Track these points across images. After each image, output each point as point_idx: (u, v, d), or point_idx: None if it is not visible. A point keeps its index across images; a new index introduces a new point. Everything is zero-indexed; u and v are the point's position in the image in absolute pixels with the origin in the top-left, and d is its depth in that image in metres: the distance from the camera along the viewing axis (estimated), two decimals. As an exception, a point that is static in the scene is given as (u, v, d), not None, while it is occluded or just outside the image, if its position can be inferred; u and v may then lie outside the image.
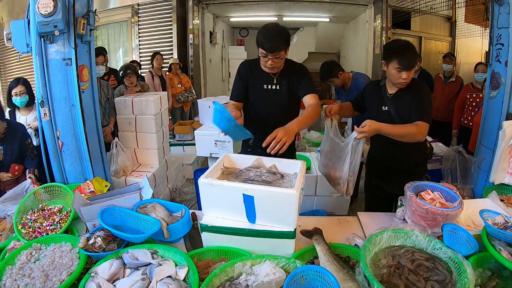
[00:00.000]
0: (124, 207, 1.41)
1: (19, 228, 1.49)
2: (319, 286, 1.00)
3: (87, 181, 1.90)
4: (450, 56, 3.90)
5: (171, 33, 5.56)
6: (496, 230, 1.14)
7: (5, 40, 2.01)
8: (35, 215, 1.56)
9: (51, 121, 2.02)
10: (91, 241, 1.24)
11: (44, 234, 1.45)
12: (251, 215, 1.22)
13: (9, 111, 2.62)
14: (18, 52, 2.02)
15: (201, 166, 3.87)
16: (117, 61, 6.04)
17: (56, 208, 1.61)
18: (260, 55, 1.60)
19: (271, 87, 1.74)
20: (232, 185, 1.21)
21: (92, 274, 1.10)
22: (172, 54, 5.55)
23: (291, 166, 1.45)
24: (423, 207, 1.29)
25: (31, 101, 2.55)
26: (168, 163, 3.25)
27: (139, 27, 5.70)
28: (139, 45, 5.76)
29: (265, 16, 7.00)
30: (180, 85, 4.80)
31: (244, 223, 1.24)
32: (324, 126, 1.75)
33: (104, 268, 1.13)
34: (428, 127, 1.59)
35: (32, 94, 2.52)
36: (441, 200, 1.37)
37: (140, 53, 5.76)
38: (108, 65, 3.76)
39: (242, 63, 1.84)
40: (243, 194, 1.17)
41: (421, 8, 5.20)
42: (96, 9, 2.07)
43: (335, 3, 5.85)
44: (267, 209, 1.18)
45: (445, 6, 5.04)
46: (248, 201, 1.18)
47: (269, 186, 1.21)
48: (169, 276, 1.10)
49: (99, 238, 1.24)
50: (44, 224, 1.50)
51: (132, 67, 3.39)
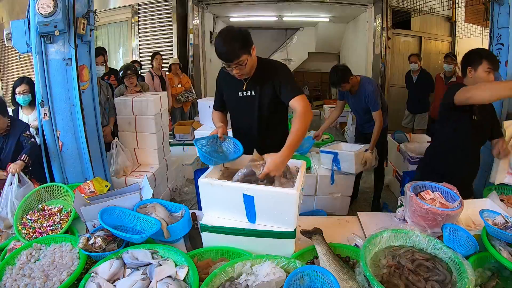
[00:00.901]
0: (124, 207, 1.41)
1: (19, 228, 1.49)
2: (319, 286, 1.00)
3: (87, 181, 1.89)
4: (451, 56, 3.90)
5: (171, 33, 5.56)
6: (496, 230, 1.14)
7: (5, 40, 2.02)
8: (36, 215, 1.56)
9: (51, 121, 2.02)
10: (91, 241, 1.24)
11: (45, 234, 1.45)
12: (251, 215, 1.22)
13: (12, 110, 2.62)
14: (18, 52, 2.03)
15: (201, 166, 3.87)
16: (117, 61, 6.04)
17: (57, 208, 1.61)
18: (223, 65, 1.46)
19: (245, 94, 1.60)
20: (232, 185, 1.21)
21: (92, 274, 1.10)
22: (172, 54, 5.55)
23: (291, 167, 1.45)
24: (423, 207, 1.29)
25: (34, 101, 2.54)
26: (168, 163, 3.25)
27: (139, 27, 5.70)
28: (139, 45, 5.76)
29: (265, 16, 7.01)
30: (180, 85, 4.79)
31: (244, 223, 1.24)
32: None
33: (104, 268, 1.13)
34: None
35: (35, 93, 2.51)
36: (441, 200, 1.37)
37: (140, 53, 5.76)
38: (108, 65, 3.76)
39: (220, 70, 1.70)
40: (243, 194, 1.18)
41: (421, 8, 5.20)
42: (96, 9, 2.08)
43: (335, 3, 5.85)
44: (267, 209, 1.18)
45: (445, 6, 5.03)
46: (248, 201, 1.18)
47: (269, 186, 1.21)
48: (169, 276, 1.10)
49: (99, 238, 1.25)
50: (44, 225, 1.50)
51: (132, 67, 3.39)
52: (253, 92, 1.59)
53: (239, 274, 1.11)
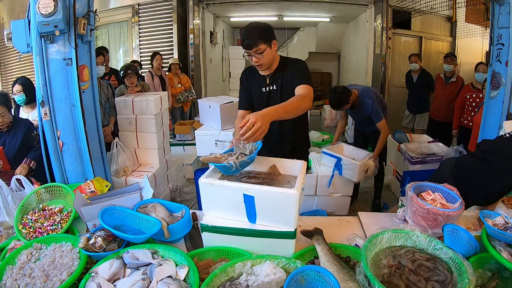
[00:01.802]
0: (124, 207, 1.42)
1: (20, 228, 1.49)
2: (320, 286, 1.00)
3: (88, 181, 1.89)
4: (451, 57, 3.90)
5: (172, 33, 5.56)
6: (496, 231, 1.14)
7: (5, 40, 2.02)
8: (36, 215, 1.56)
9: (52, 121, 2.02)
10: (91, 241, 1.24)
11: (45, 234, 1.45)
12: (251, 215, 1.22)
13: (13, 109, 2.67)
14: (18, 52, 2.03)
15: (202, 166, 3.87)
16: (118, 61, 6.04)
17: (57, 208, 1.61)
18: (245, 55, 1.62)
19: (268, 89, 1.73)
20: (233, 185, 1.21)
21: (92, 274, 1.10)
22: (172, 54, 5.55)
23: (291, 167, 1.45)
24: (424, 208, 1.29)
25: (31, 100, 2.60)
26: (168, 163, 3.25)
27: (140, 27, 5.70)
28: (140, 45, 5.76)
29: (266, 16, 7.00)
30: (179, 85, 4.80)
31: (245, 223, 1.24)
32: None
33: (105, 268, 1.13)
34: None
35: (32, 93, 2.54)
36: (442, 201, 1.36)
37: (140, 53, 5.76)
38: (108, 65, 3.77)
39: (242, 71, 1.86)
40: (244, 194, 1.17)
41: (421, 8, 5.20)
42: (96, 9, 2.08)
43: (336, 3, 5.85)
44: (268, 209, 1.18)
45: (446, 6, 5.04)
46: (249, 201, 1.18)
47: (270, 186, 1.21)
48: (170, 276, 1.10)
49: (99, 238, 1.24)
50: (44, 224, 1.50)
51: (132, 67, 3.39)
52: (274, 87, 1.71)
53: (240, 274, 1.11)
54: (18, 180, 1.83)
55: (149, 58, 4.66)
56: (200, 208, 1.66)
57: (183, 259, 1.17)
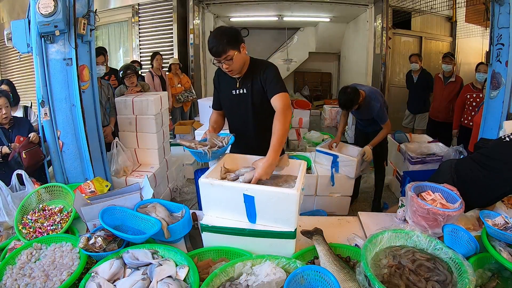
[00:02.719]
0: (124, 207, 1.42)
1: (20, 228, 1.49)
2: (320, 286, 1.00)
3: (88, 181, 1.90)
4: (449, 56, 3.89)
5: (172, 33, 5.55)
6: (496, 231, 1.14)
7: (5, 40, 2.02)
8: (36, 215, 1.56)
9: (52, 121, 2.02)
10: (91, 241, 1.24)
11: (45, 234, 1.45)
12: (251, 215, 1.22)
13: None
14: (18, 52, 2.03)
15: (202, 166, 3.87)
16: (118, 61, 6.04)
17: (57, 208, 1.61)
18: (215, 62, 1.55)
19: (238, 92, 1.67)
20: (233, 185, 1.21)
21: (92, 274, 1.11)
22: (172, 54, 5.55)
23: (291, 167, 1.45)
24: (424, 208, 1.29)
25: (15, 101, 2.80)
26: (168, 163, 3.25)
27: (140, 27, 5.70)
28: (140, 45, 5.76)
29: (266, 16, 7.00)
30: (180, 85, 4.79)
31: (245, 223, 1.24)
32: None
33: (105, 268, 1.13)
34: None
35: (14, 95, 2.77)
36: (441, 201, 1.36)
37: (140, 53, 5.76)
38: (108, 65, 3.76)
39: (216, 71, 1.79)
40: (244, 194, 1.18)
41: (421, 8, 5.20)
42: (96, 9, 2.08)
43: (336, 3, 5.85)
44: (268, 209, 1.18)
45: (446, 6, 5.03)
46: (249, 201, 1.18)
47: (270, 186, 1.21)
48: (170, 276, 1.10)
49: (99, 238, 1.25)
50: (44, 224, 1.50)
51: (132, 67, 3.39)
52: (245, 90, 1.66)
53: (240, 274, 1.11)
54: (19, 175, 1.83)
55: (149, 58, 4.66)
56: (200, 208, 1.66)
57: (183, 259, 1.17)
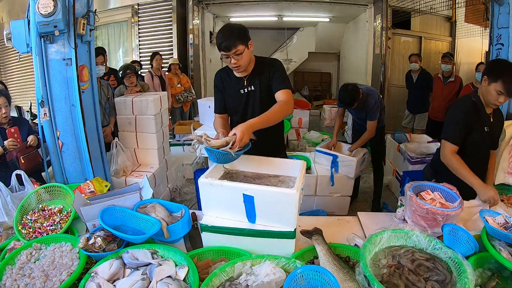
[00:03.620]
0: (124, 207, 1.41)
1: (19, 228, 1.49)
2: (319, 286, 1.00)
3: (87, 181, 1.89)
4: (448, 56, 3.89)
5: (171, 33, 5.56)
6: (496, 230, 1.14)
7: (5, 40, 2.02)
8: (36, 215, 1.56)
9: (51, 121, 2.02)
10: (91, 241, 1.24)
11: (45, 234, 1.45)
12: (251, 215, 1.22)
13: None
14: (18, 52, 2.03)
15: (201, 166, 3.87)
16: (117, 61, 6.04)
17: (57, 208, 1.61)
18: (223, 57, 1.56)
19: (247, 90, 1.67)
20: (232, 185, 1.21)
21: (92, 274, 1.10)
22: (172, 54, 5.55)
23: (291, 167, 1.45)
24: (423, 207, 1.29)
25: None
26: (168, 163, 3.25)
27: (139, 27, 5.70)
28: (139, 45, 5.76)
29: (265, 16, 7.01)
30: (179, 85, 4.80)
31: (244, 223, 1.24)
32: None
33: (104, 268, 1.13)
34: None
35: None
36: (441, 200, 1.37)
37: (140, 53, 5.76)
38: (108, 65, 3.76)
39: (215, 75, 1.78)
40: (243, 194, 1.18)
41: (421, 8, 5.20)
42: (96, 9, 2.08)
43: (335, 3, 5.85)
44: (267, 209, 1.18)
45: (445, 6, 5.03)
46: (248, 201, 1.18)
47: (269, 186, 1.21)
48: (169, 276, 1.10)
49: (99, 238, 1.24)
50: (44, 225, 1.50)
51: (131, 67, 3.39)
52: (253, 87, 1.67)
53: (239, 274, 1.11)
54: (18, 176, 1.83)
55: (149, 58, 4.66)
56: (199, 208, 1.66)
57: (182, 259, 1.17)
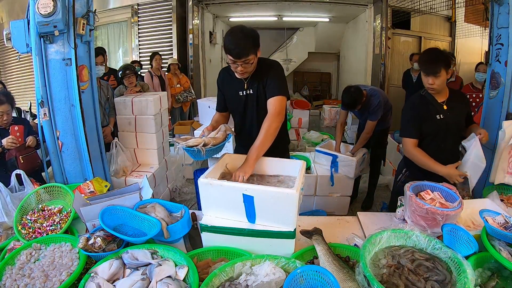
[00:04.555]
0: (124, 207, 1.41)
1: (19, 228, 1.49)
2: (319, 286, 1.00)
3: (87, 181, 1.89)
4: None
5: (171, 33, 5.56)
6: (496, 230, 1.14)
7: (5, 40, 2.01)
8: (35, 215, 1.56)
9: (51, 121, 2.02)
10: (91, 241, 1.24)
11: (44, 234, 1.45)
12: (251, 215, 1.22)
13: None
14: (18, 52, 2.02)
15: (201, 166, 3.87)
16: (117, 61, 6.04)
17: (56, 208, 1.61)
18: (229, 61, 1.48)
19: (246, 93, 1.64)
20: (232, 185, 1.21)
21: (92, 274, 1.10)
22: (172, 54, 5.55)
23: (291, 167, 1.45)
24: (423, 207, 1.29)
25: None
26: (168, 163, 3.25)
27: (139, 27, 5.70)
28: (139, 45, 5.76)
29: (265, 16, 7.01)
30: (179, 85, 4.80)
31: (244, 223, 1.24)
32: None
33: (104, 268, 1.13)
34: None
35: None
36: (441, 200, 1.37)
37: (140, 53, 5.76)
38: (108, 65, 3.76)
39: (219, 74, 1.75)
40: (243, 194, 1.18)
41: (420, 8, 5.20)
42: (95, 9, 2.08)
43: (335, 3, 5.86)
44: (267, 209, 1.18)
45: (445, 6, 5.04)
46: (248, 201, 1.18)
47: (269, 186, 1.21)
48: (169, 276, 1.10)
49: (99, 238, 1.24)
50: (44, 225, 1.50)
51: (131, 67, 3.39)
52: (251, 91, 1.63)
53: (239, 274, 1.11)
54: (18, 175, 1.83)
55: (149, 58, 4.66)
56: (199, 208, 1.66)
57: (182, 259, 1.17)
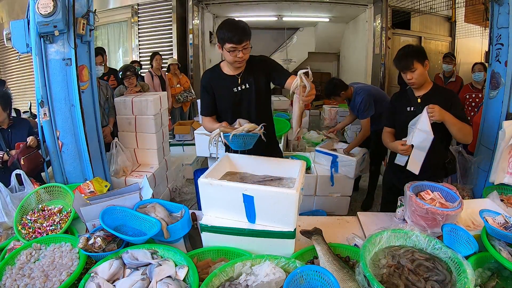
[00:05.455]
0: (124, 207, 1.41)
1: (19, 228, 1.49)
2: (319, 286, 1.00)
3: (87, 181, 1.89)
4: (450, 56, 3.90)
5: (171, 33, 5.56)
6: (496, 230, 1.14)
7: (5, 40, 2.01)
8: (35, 215, 1.56)
9: (51, 121, 2.02)
10: (91, 241, 1.24)
11: (44, 234, 1.45)
12: (251, 215, 1.22)
13: None
14: (18, 52, 2.02)
15: (201, 166, 3.87)
16: (117, 61, 6.05)
17: (56, 208, 1.61)
18: (228, 50, 1.53)
19: (240, 88, 1.67)
20: (232, 185, 1.21)
21: (92, 274, 1.10)
22: (172, 54, 5.56)
23: (291, 167, 1.45)
24: (423, 207, 1.29)
25: None
26: (168, 163, 3.24)
27: (139, 27, 5.71)
28: (139, 45, 5.76)
29: (265, 16, 7.02)
30: (179, 85, 4.80)
31: (244, 223, 1.24)
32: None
33: (104, 268, 1.13)
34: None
35: None
36: (441, 200, 1.36)
37: (140, 53, 5.77)
38: (107, 65, 3.76)
39: (202, 76, 1.77)
40: (243, 194, 1.18)
41: (420, 8, 5.21)
42: (96, 9, 2.08)
43: (335, 3, 5.87)
44: (267, 209, 1.18)
45: (445, 6, 5.04)
46: (248, 201, 1.18)
47: (269, 186, 1.21)
48: (169, 276, 1.10)
49: (99, 238, 1.24)
50: (44, 225, 1.50)
51: (131, 68, 3.38)
52: (247, 85, 1.67)
53: (239, 274, 1.11)
54: (18, 176, 1.83)
55: (148, 58, 4.67)
56: (199, 208, 1.66)
57: (182, 259, 1.17)
